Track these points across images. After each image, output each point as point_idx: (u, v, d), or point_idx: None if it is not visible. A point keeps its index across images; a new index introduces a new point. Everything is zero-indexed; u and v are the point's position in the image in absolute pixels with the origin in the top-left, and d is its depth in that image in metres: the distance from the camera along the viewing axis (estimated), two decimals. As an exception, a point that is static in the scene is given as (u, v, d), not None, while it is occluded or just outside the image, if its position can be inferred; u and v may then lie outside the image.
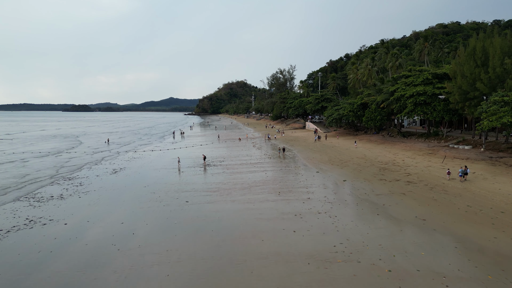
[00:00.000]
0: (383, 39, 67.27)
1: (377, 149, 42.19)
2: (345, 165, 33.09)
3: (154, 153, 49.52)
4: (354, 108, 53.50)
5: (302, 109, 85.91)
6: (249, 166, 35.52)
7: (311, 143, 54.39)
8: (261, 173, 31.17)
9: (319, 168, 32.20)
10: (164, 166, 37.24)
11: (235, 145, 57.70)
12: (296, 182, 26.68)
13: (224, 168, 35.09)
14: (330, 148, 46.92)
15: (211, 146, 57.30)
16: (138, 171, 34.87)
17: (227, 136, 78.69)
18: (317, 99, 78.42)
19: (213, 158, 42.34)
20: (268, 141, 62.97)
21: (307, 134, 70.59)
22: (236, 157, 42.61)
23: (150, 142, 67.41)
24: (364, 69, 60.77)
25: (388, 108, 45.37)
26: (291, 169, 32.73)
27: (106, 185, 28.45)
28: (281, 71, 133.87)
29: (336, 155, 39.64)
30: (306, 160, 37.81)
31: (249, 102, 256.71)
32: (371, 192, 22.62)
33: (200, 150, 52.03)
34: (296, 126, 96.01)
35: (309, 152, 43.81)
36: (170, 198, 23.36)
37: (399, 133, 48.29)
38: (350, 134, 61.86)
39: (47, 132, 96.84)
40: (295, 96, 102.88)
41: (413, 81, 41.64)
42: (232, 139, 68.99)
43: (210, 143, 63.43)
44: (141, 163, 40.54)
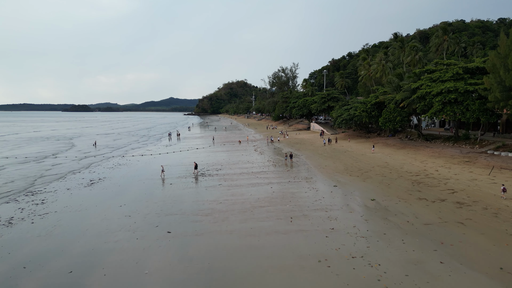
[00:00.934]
0: (396, 32, 61.78)
1: (398, 155, 36.52)
2: (367, 176, 27.41)
3: (144, 159, 43.91)
4: (368, 108, 47.86)
5: (307, 109, 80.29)
6: (250, 176, 29.87)
7: (320, 147, 48.71)
8: (265, 187, 25.53)
9: (336, 181, 26.53)
10: (151, 176, 31.62)
11: (234, 149, 52.07)
12: (311, 201, 21.03)
13: (220, 178, 29.45)
14: (343, 153, 41.25)
15: (208, 150, 51.67)
16: (118, 183, 29.25)
17: (226, 138, 73.03)
18: (323, 98, 72.75)
19: (209, 165, 36.72)
20: (271, 144, 57.34)
21: (313, 136, 64.92)
22: (235, 164, 36.99)
23: (143, 145, 61.77)
24: (378, 65, 55.10)
25: (409, 107, 39.74)
26: (302, 181, 27.07)
27: (73, 203, 22.83)
28: (283, 69, 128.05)
29: (353, 163, 33.97)
30: (318, 168, 32.14)
31: (249, 102, 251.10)
32: (415, 219, 16.96)
33: (196, 154, 46.40)
34: (300, 127, 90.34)
35: (320, 159, 38.14)
36: (148, 226, 17.73)
37: (420, 136, 42.56)
38: (362, 137, 56.17)
39: (40, 134, 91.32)
40: (298, 96, 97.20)
41: (440, 77, 35.98)
42: (232, 142, 63.35)
43: (207, 146, 57.82)
44: (125, 171, 34.94)
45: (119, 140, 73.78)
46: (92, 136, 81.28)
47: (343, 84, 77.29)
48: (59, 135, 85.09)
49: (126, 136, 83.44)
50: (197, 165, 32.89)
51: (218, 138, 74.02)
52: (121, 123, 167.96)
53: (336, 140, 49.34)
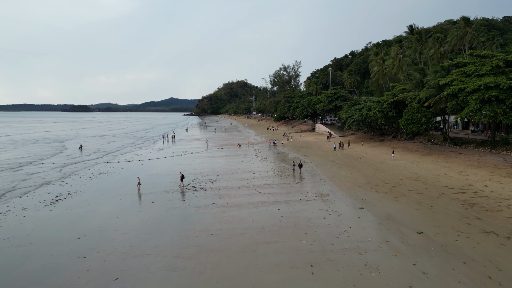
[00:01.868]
0: (412, 25, 56.22)
1: (426, 163, 30.92)
2: (397, 193, 21.84)
3: (130, 166, 38.40)
4: (384, 108, 42.29)
5: (311, 109, 74.69)
6: (251, 191, 24.34)
7: (330, 151, 43.11)
8: (271, 208, 20.00)
9: (360, 199, 20.97)
10: (131, 190, 26.09)
11: (233, 153, 46.53)
12: (334, 234, 15.49)
13: (215, 194, 23.92)
14: (358, 160, 35.69)
15: (204, 155, 46.11)
16: (89, 200, 23.75)
17: (225, 140, 67.48)
18: (330, 97, 67.13)
19: (203, 175, 31.20)
20: (274, 147, 51.80)
21: (319, 139, 59.35)
22: (234, 174, 31.44)
23: (136, 148, 56.20)
24: (393, 60, 49.45)
25: (435, 107, 34.18)
26: (317, 200, 21.51)
27: (19, 233, 17.37)
28: (285, 67, 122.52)
29: (374, 173, 28.39)
30: (334, 181, 26.56)
31: (249, 102, 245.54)
32: (498, 272, 11.41)
33: (189, 161, 40.87)
34: (304, 128, 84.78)
35: (333, 167, 32.56)
36: (104, 278, 12.22)
37: (447, 140, 36.91)
38: (375, 140, 50.59)
39: (32, 136, 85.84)
40: (301, 95, 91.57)
41: (475, 70, 30.41)
42: (231, 145, 57.81)
43: (203, 150, 52.27)
44: (103, 183, 29.45)
45: (113, 142, 68.30)
46: (87, 139, 75.81)
47: (352, 82, 71.50)
48: (52, 138, 79.63)
49: (121, 138, 77.91)
50: (184, 176, 27.38)
51: (216, 140, 68.52)
52: (119, 124, 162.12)
53: (349, 144, 43.77)
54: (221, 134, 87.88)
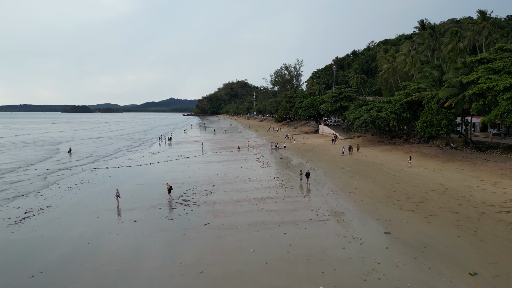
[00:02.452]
0: (423, 19, 52.55)
1: (450, 171, 27.32)
2: (427, 212, 18.25)
3: (118, 173, 34.86)
4: (397, 109, 38.70)
5: (315, 110, 71.07)
6: (252, 206, 20.76)
7: (338, 156, 39.52)
8: (275, 231, 16.44)
9: (382, 220, 17.38)
10: (112, 205, 22.52)
11: (232, 158, 42.97)
12: (359, 273, 11.90)
13: (209, 211, 20.36)
14: (371, 167, 32.11)
15: (200, 160, 42.54)
16: (60, 218, 20.21)
17: (224, 143, 63.90)
18: (335, 97, 63.54)
19: (197, 185, 27.66)
20: (276, 151, 48.23)
21: (324, 142, 55.77)
22: (232, 183, 27.87)
23: (131, 152, 52.61)
24: (406, 56, 45.72)
25: (457, 107, 30.58)
26: (330, 220, 17.91)
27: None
28: (286, 66, 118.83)
29: (392, 184, 24.80)
30: (347, 193, 22.96)
31: (250, 102, 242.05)
32: None
33: (184, 167, 37.30)
34: (306, 130, 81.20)
35: (344, 175, 28.96)
36: None
37: (469, 144, 33.25)
38: (385, 143, 46.99)
39: (27, 138, 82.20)
40: (304, 95, 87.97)
41: (505, 67, 26.85)
42: (230, 148, 54.25)
43: (200, 154, 48.70)
44: (83, 194, 25.91)
45: (109, 145, 64.70)
46: (83, 141, 72.17)
47: (358, 81, 67.75)
48: (46, 140, 76.03)
49: (118, 141, 74.25)
50: (171, 188, 23.87)
51: (215, 143, 64.96)
52: (118, 125, 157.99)
53: (358, 148, 40.15)
54: (220, 136, 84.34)
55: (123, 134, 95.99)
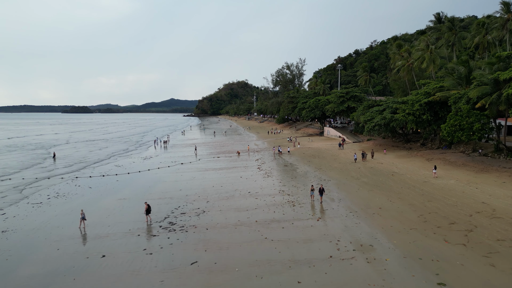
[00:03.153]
0: (439, 12, 48.24)
1: (488, 184, 23.00)
2: (484, 247, 13.94)
3: (101, 183, 30.66)
4: (416, 110, 34.40)
5: (320, 111, 66.76)
6: (253, 235, 16.47)
7: (349, 163, 35.22)
8: (286, 278, 12.19)
9: (428, 259, 13.07)
10: (81, 231, 18.25)
11: (231, 165, 38.71)
12: None
13: (199, 241, 16.15)
14: (390, 177, 27.81)
15: (195, 167, 38.28)
16: (12, 251, 16.03)
17: (222, 147, 59.62)
18: (341, 97, 59.25)
19: (188, 200, 23.44)
20: (279, 156, 43.97)
21: (330, 145, 51.48)
22: (229, 199, 23.60)
23: (123, 156, 48.31)
24: (423, 52, 41.29)
25: (491, 108, 26.30)
26: (357, 257, 13.62)
27: None
28: (288, 65, 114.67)
29: (423, 202, 20.49)
30: (370, 215, 18.66)
31: (250, 102, 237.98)
32: None
33: (175, 176, 33.02)
34: (310, 132, 76.89)
35: (361, 188, 24.66)
36: None
37: (501, 150, 28.83)
38: (399, 147, 42.66)
39: (20, 140, 78.12)
40: (307, 95, 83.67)
41: (554, 60, 22.63)
42: (229, 153, 49.97)
43: (197, 159, 44.43)
44: (51, 213, 21.74)
45: (104, 148, 60.42)
46: (75, 145, 67.90)
47: (367, 80, 63.16)
48: (39, 143, 71.79)
49: (114, 144, 69.86)
50: (150, 209, 19.65)
51: (213, 146, 60.72)
52: (117, 126, 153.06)
53: (373, 154, 35.83)
54: (219, 138, 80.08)
55: (121, 136, 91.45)
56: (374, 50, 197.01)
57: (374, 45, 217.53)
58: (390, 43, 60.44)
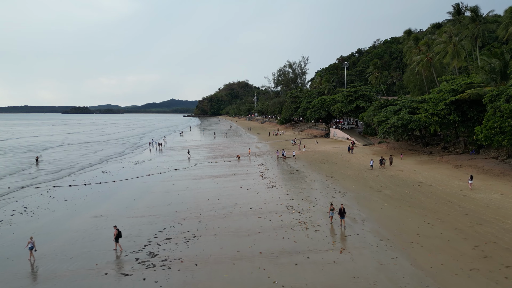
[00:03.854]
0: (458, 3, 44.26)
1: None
2: None
3: (78, 194, 26.51)
4: (440, 110, 30.20)
5: (325, 111, 62.59)
6: (259, 280, 12.26)
7: (364, 170, 31.00)
8: None
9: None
10: (32, 265, 14.09)
11: (230, 172, 34.51)
12: None
13: (183, 282, 11.99)
14: (417, 189, 23.60)
15: (190, 174, 34.08)
16: None
17: (221, 149, 55.44)
18: (350, 96, 55.05)
19: (176, 219, 19.28)
20: (283, 161, 39.81)
21: (339, 149, 47.28)
22: (226, 217, 19.40)
23: (114, 161, 44.15)
24: (446, 45, 37.09)
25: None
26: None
27: None
28: (290, 64, 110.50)
29: (472, 224, 16.25)
30: (406, 244, 14.43)
31: (251, 102, 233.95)
32: None
33: (167, 185, 28.79)
34: (315, 133, 72.66)
35: (386, 204, 20.43)
36: None
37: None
38: (417, 151, 38.45)
39: (14, 142, 74.01)
40: (311, 94, 79.47)
41: None
42: (228, 156, 45.78)
43: (192, 165, 40.24)
44: (7, 237, 17.63)
45: (99, 151, 56.49)
46: (69, 147, 63.82)
47: (379, 78, 58.44)
48: (33, 145, 67.79)
49: (110, 146, 65.73)
50: (120, 234, 15.52)
51: (211, 149, 56.56)
52: (116, 127, 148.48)
53: (391, 161, 31.50)
54: (219, 140, 75.96)
55: (118, 138, 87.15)
56: (378, 49, 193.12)
57: (377, 44, 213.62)
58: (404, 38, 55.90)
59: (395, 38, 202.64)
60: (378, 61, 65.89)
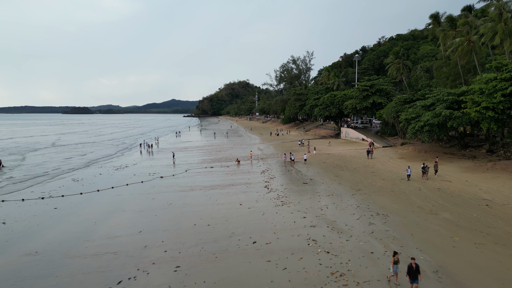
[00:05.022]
0: (497, -20, 37.78)
1: None
2: None
3: (26, 214, 19.87)
4: (497, 103, 23.51)
5: (336, 108, 55.94)
6: None
7: (399, 180, 24.29)
8: None
9: None
10: None
11: (227, 181, 27.79)
12: None
13: None
14: (485, 210, 16.94)
15: (177, 184, 27.38)
16: None
17: (219, 151, 48.72)
18: (365, 91, 48.29)
19: (145, 255, 12.49)
20: (292, 166, 33.17)
21: (355, 151, 40.62)
22: (218, 259, 12.68)
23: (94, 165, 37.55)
24: (495, 23, 30.29)
25: None
26: None
27: None
28: (294, 60, 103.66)
29: None
30: None
31: (252, 102, 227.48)
32: None
33: (146, 199, 22.05)
34: (323, 134, 65.96)
35: (461, 240, 13.77)
36: None
37: None
38: (455, 155, 31.71)
39: (2, 144, 67.50)
40: (318, 90, 72.71)
41: None
42: (226, 160, 39.10)
43: (182, 170, 33.61)
44: None
45: (90, 153, 50.24)
46: (58, 149, 57.29)
47: (400, 69, 50.53)
48: (19, 146, 61.47)
49: (102, 148, 58.92)
50: None
51: (206, 151, 49.86)
52: (113, 127, 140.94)
53: (436, 169, 24.46)
54: (218, 141, 69.33)
55: (113, 138, 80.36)
56: (383, 47, 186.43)
57: (382, 42, 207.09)
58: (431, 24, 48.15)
59: (400, 35, 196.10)
60: (401, 49, 55.77)
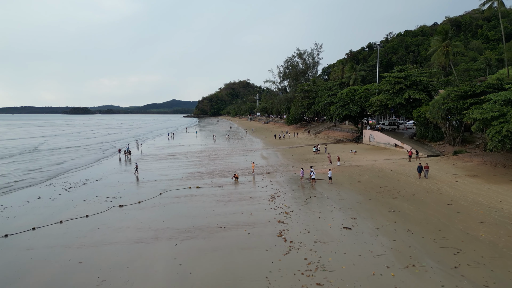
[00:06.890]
0: None
1: None
2: None
3: None
4: None
5: (357, 106, 45.75)
6: None
7: (502, 218, 14.09)
8: None
9: None
10: None
11: (216, 217, 17.33)
12: None
13: None
14: None
15: (139, 220, 17.00)
16: None
17: (214, 159, 38.20)
18: (398, 84, 38.01)
19: None
20: (312, 187, 22.87)
21: (392, 161, 30.33)
22: None
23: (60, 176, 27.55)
24: None
25: None
26: None
27: None
28: (300, 53, 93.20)
29: None
30: None
31: (253, 101, 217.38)
32: None
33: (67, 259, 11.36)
34: (339, 136, 55.65)
35: None
36: None
37: None
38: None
39: None
40: (331, 86, 62.35)
41: None
42: (220, 175, 28.67)
43: (156, 193, 23.26)
44: None
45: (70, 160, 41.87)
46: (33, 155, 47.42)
47: (448, 53, 38.90)
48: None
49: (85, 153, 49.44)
50: None
51: (199, 160, 39.36)
52: (108, 129, 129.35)
53: None
54: (214, 145, 59.15)
55: (104, 142, 69.44)
56: (391, 43, 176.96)
57: (390, 38, 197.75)
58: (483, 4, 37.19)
59: (409, 31, 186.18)
60: (449, 28, 40.72)
